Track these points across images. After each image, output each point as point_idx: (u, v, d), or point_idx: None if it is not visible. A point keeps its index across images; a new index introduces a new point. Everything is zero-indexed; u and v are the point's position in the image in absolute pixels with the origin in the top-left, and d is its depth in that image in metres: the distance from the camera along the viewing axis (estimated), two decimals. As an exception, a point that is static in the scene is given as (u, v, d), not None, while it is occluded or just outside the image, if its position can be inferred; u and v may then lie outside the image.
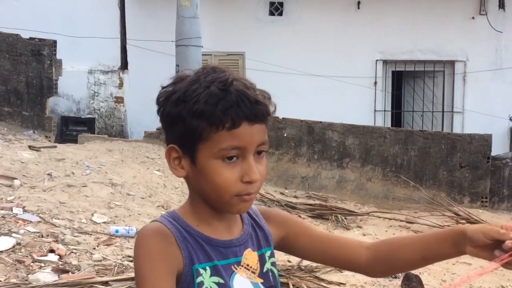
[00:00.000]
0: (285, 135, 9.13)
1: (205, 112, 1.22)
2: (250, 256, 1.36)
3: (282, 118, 9.19)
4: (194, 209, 1.33)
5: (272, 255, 1.41)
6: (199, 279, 1.27)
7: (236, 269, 1.33)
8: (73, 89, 12.07)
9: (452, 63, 11.80)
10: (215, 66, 1.31)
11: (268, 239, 1.41)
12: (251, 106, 1.24)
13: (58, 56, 10.97)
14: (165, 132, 1.32)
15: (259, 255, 1.38)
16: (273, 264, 1.41)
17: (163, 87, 1.31)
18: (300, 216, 7.39)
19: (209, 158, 1.25)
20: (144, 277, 1.22)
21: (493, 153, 8.91)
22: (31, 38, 10.95)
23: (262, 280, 1.36)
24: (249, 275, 1.34)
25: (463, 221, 7.27)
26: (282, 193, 8.61)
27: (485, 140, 8.81)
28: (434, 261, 1.39)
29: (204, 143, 1.24)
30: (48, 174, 6.61)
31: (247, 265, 1.35)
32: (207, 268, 1.28)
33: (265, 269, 1.38)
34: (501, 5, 11.52)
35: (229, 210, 1.30)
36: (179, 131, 1.27)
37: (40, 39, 10.93)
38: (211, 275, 1.28)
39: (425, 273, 5.57)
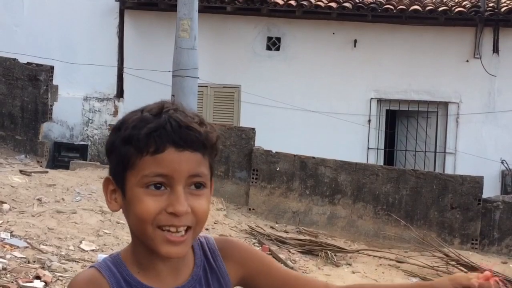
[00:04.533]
0: (277, 169, 9.13)
1: (132, 136, 1.14)
2: None
3: (275, 152, 9.21)
4: (134, 251, 1.22)
5: None
6: None
7: None
8: (67, 115, 12.09)
9: (445, 104, 11.91)
10: (166, 100, 1.23)
11: (220, 283, 1.28)
12: (179, 130, 1.14)
13: (55, 82, 11.00)
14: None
15: None
16: None
17: None
18: (289, 251, 7.35)
19: (135, 186, 1.15)
20: None
21: (485, 195, 8.91)
22: (28, 63, 10.99)
23: None
24: None
25: (453, 262, 7.25)
26: (272, 227, 8.57)
27: (477, 182, 8.83)
28: None
29: (131, 171, 1.15)
30: (38, 199, 6.58)
31: None
32: None
33: None
34: (495, 49, 11.67)
35: (156, 249, 1.15)
36: (113, 161, 1.20)
37: (37, 64, 10.97)
38: None
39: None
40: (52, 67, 10.93)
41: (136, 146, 1.14)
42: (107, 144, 1.22)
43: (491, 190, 10.32)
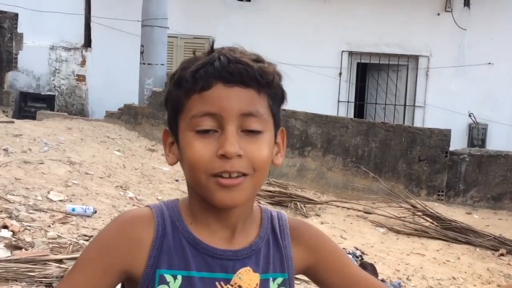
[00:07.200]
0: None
1: (180, 77, 1.07)
2: (246, 277, 1.10)
3: (246, 104, 9.16)
4: (190, 203, 1.13)
5: (284, 284, 1.14)
6: (161, 287, 1.07)
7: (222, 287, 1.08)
8: (33, 64, 11.80)
9: (416, 57, 11.95)
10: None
11: (283, 264, 1.15)
12: (227, 64, 1.05)
13: (19, 30, 10.70)
14: None
15: (261, 279, 1.11)
16: None
17: None
18: (259, 203, 7.39)
19: (185, 131, 1.06)
20: (78, 261, 1.10)
21: (452, 148, 9.06)
22: (-9, 10, 10.66)
23: None
24: None
25: (419, 213, 7.39)
26: (242, 179, 8.59)
27: (444, 135, 8.96)
28: None
29: (181, 115, 1.07)
30: (4, 150, 6.46)
31: (239, 286, 1.09)
32: (178, 276, 1.07)
33: None
34: (466, 3, 11.69)
35: (210, 197, 1.06)
36: (168, 109, 1.12)
37: (1, 11, 10.64)
38: (180, 286, 1.07)
39: (379, 263, 5.64)
40: (16, 14, 10.63)
41: (185, 86, 1.06)
42: (165, 94, 1.13)
43: (458, 143, 10.51)
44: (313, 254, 1.18)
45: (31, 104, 11.58)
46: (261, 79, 1.07)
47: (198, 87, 1.04)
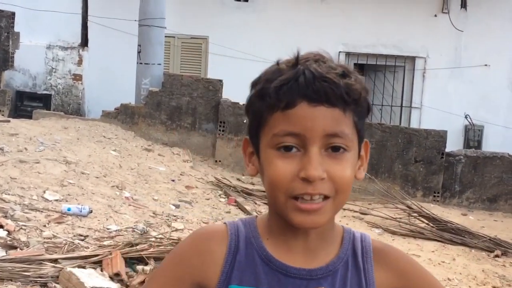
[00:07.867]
0: (245, 121, 9.11)
1: (263, 90, 1.05)
2: None
3: (243, 104, 9.15)
4: (269, 219, 1.12)
5: None
6: None
7: None
8: (30, 63, 11.77)
9: (413, 59, 11.96)
10: (315, 51, 1.11)
11: (361, 286, 1.11)
12: (313, 81, 1.01)
13: (16, 29, 10.68)
14: None
15: None
16: None
17: None
18: (255, 203, 7.39)
19: (266, 147, 1.05)
20: (155, 270, 1.19)
21: (448, 150, 9.07)
22: (-12, 9, 10.63)
23: None
24: None
25: (415, 214, 7.40)
26: (238, 179, 8.60)
27: (441, 136, 8.97)
28: None
29: (263, 130, 1.05)
30: (0, 149, 6.44)
31: None
32: None
33: None
34: (463, 4, 11.70)
35: (289, 220, 1.04)
36: (249, 119, 1.11)
37: (-3, 10, 10.63)
38: None
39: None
40: (13, 13, 10.62)
41: (268, 101, 1.04)
42: (246, 101, 1.11)
43: (454, 144, 10.51)
44: (400, 279, 1.13)
45: (27, 103, 11.55)
46: (348, 97, 1.03)
47: (282, 104, 1.02)
